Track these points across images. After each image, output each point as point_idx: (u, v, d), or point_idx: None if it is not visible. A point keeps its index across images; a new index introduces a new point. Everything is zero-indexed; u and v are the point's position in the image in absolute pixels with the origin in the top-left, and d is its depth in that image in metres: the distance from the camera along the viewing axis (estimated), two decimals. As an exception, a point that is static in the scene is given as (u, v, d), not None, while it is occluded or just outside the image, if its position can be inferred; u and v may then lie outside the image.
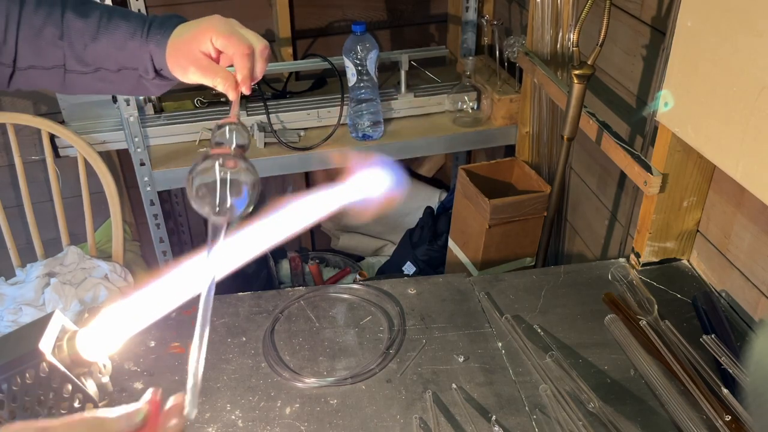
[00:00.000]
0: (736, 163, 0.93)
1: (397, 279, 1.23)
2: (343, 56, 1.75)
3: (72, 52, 0.84)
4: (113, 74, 0.87)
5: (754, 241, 1.07)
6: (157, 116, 1.84)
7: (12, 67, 0.86)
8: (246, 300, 1.18)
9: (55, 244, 1.86)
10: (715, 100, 0.95)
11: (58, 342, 0.60)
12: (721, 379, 0.96)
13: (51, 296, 1.67)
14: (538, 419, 0.94)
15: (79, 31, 0.84)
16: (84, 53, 0.85)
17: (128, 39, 0.84)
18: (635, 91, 1.39)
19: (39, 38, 0.84)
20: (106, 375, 0.64)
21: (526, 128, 1.77)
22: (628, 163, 1.20)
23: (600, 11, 1.22)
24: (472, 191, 1.65)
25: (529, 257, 1.73)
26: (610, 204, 1.55)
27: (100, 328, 0.61)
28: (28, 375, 0.59)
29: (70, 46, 0.84)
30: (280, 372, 1.03)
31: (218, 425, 0.95)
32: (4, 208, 1.77)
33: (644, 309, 1.11)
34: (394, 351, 1.07)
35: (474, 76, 1.90)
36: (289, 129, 1.86)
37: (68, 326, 0.62)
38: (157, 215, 1.82)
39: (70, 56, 0.85)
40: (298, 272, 2.29)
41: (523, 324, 1.10)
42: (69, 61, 0.85)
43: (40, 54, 0.85)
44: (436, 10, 2.24)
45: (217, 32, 0.80)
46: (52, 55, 0.85)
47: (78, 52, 0.84)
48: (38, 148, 1.95)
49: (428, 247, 2.06)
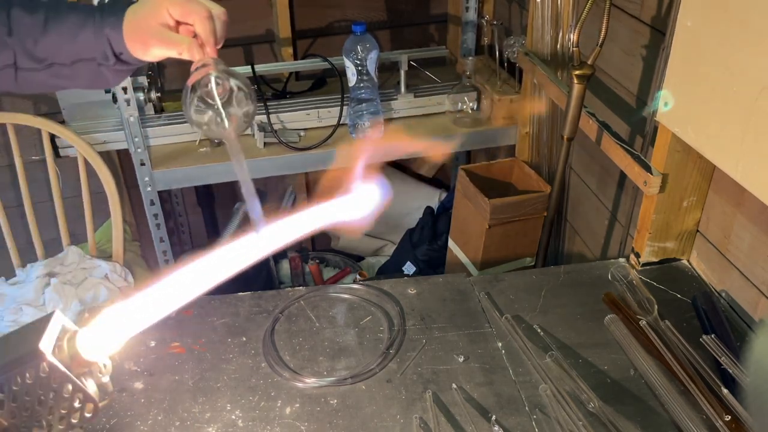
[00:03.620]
0: (736, 163, 0.93)
1: (397, 279, 1.23)
2: (343, 56, 1.75)
3: (22, 48, 0.83)
4: (67, 68, 0.86)
5: (754, 241, 1.07)
6: (158, 116, 1.84)
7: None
8: (246, 300, 1.18)
9: (56, 244, 1.86)
10: (715, 100, 0.95)
11: (59, 342, 0.60)
12: (721, 379, 0.96)
13: (51, 296, 1.67)
14: (538, 419, 0.94)
15: (26, 27, 0.83)
16: (35, 49, 0.84)
17: (79, 29, 0.83)
18: (635, 91, 1.39)
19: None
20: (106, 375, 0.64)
21: (526, 128, 1.77)
22: (628, 163, 1.20)
23: (600, 11, 1.22)
24: (472, 191, 1.65)
25: (529, 257, 1.73)
26: (610, 204, 1.55)
27: (100, 328, 0.61)
28: (28, 375, 0.59)
29: (20, 42, 0.83)
30: (280, 372, 1.03)
31: (218, 425, 0.95)
32: (4, 208, 1.77)
33: (644, 309, 1.11)
34: (394, 351, 1.07)
35: (474, 76, 1.90)
36: (289, 129, 1.86)
37: (68, 326, 0.62)
38: (157, 215, 1.82)
39: (21, 53, 0.84)
40: (298, 272, 2.29)
41: (523, 324, 1.10)
42: (20, 58, 0.84)
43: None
44: (436, 10, 2.24)
45: (172, 3, 0.80)
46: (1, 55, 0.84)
47: (28, 48, 0.83)
48: (38, 148, 1.95)
49: (428, 247, 2.06)
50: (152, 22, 0.81)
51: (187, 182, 1.82)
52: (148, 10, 0.81)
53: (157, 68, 1.90)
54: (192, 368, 1.04)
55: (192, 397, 0.99)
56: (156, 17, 0.80)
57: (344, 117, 1.85)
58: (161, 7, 0.80)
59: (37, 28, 0.83)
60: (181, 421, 0.95)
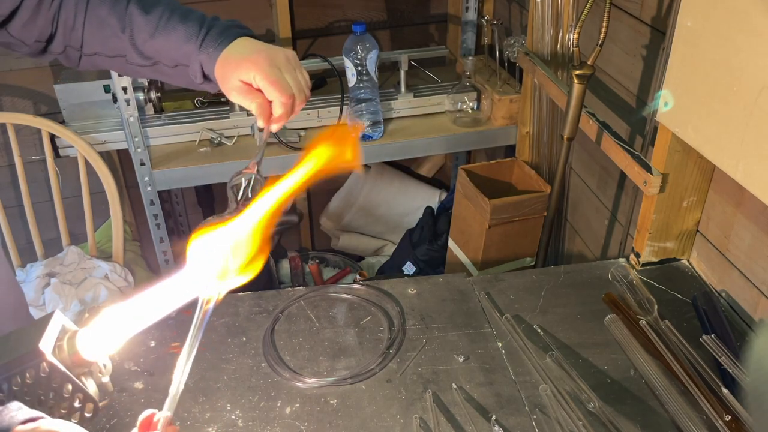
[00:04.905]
0: (736, 163, 0.93)
1: (397, 279, 1.23)
2: (343, 56, 1.75)
3: (132, 45, 0.87)
4: (170, 69, 0.89)
5: (754, 241, 1.07)
6: (158, 116, 1.84)
7: (80, 51, 0.90)
8: (246, 300, 1.18)
9: (56, 244, 1.86)
10: (715, 100, 0.95)
11: (59, 342, 0.60)
12: (721, 379, 0.96)
13: (51, 296, 1.67)
14: (538, 419, 0.94)
15: (139, 27, 0.86)
16: (143, 47, 0.87)
17: (183, 42, 0.85)
18: (635, 91, 1.39)
19: (102, 28, 0.87)
20: (106, 375, 0.64)
21: (526, 128, 1.77)
22: (628, 163, 1.20)
23: (600, 11, 1.22)
24: (472, 191, 1.65)
25: (529, 257, 1.73)
26: (610, 204, 1.55)
27: (100, 328, 0.61)
28: (29, 375, 0.59)
29: (131, 39, 0.87)
30: (280, 372, 1.03)
31: (218, 425, 0.95)
32: (4, 208, 1.77)
33: (644, 309, 1.11)
34: (394, 351, 1.07)
35: (474, 76, 1.90)
36: (289, 129, 1.86)
37: (68, 326, 0.62)
38: (157, 215, 1.82)
39: (131, 49, 0.88)
40: (298, 272, 2.29)
41: (523, 324, 1.10)
42: (129, 53, 0.88)
43: (104, 43, 0.89)
44: (436, 10, 2.24)
45: (262, 73, 0.82)
46: (114, 45, 0.88)
47: (138, 45, 0.87)
48: (38, 148, 1.95)
49: (428, 247, 2.06)
50: (236, 75, 0.83)
51: (187, 182, 1.82)
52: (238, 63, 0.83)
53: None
54: (192, 368, 1.04)
55: (192, 397, 0.99)
56: (241, 74, 0.83)
57: (344, 117, 1.84)
58: (250, 70, 0.82)
59: (147, 30, 0.86)
60: (181, 421, 0.95)
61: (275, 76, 0.83)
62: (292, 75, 0.85)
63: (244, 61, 0.83)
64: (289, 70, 0.85)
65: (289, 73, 0.84)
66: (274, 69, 0.83)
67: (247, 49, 0.84)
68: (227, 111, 1.85)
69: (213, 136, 1.81)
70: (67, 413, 0.61)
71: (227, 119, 1.83)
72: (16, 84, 2.00)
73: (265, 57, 0.83)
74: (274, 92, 0.83)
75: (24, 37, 0.89)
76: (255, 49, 0.84)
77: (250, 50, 0.84)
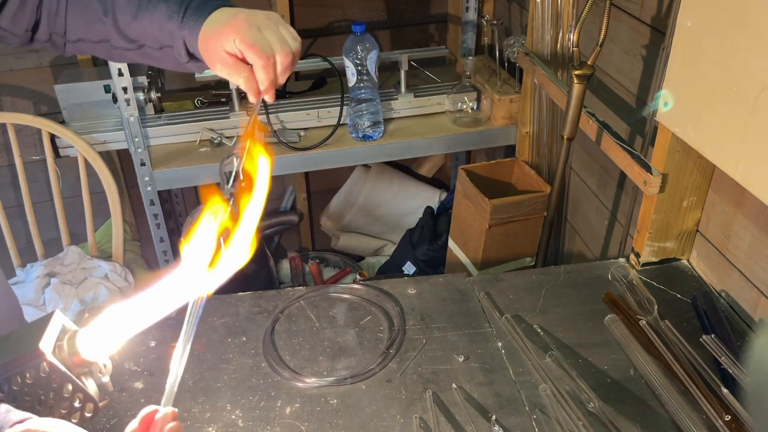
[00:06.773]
0: (736, 163, 0.93)
1: (397, 279, 1.23)
2: (343, 56, 1.75)
3: (116, 28, 0.86)
4: (156, 51, 0.88)
5: (754, 241, 1.07)
6: (158, 116, 1.84)
7: (64, 38, 0.90)
8: (246, 300, 1.18)
9: (56, 244, 1.86)
10: (715, 100, 0.95)
11: (59, 342, 0.60)
12: (721, 379, 0.96)
13: (51, 296, 1.67)
14: (538, 419, 0.94)
15: (122, 9, 0.85)
16: (127, 30, 0.86)
17: (165, 21, 0.83)
18: (635, 91, 1.39)
19: (85, 13, 0.87)
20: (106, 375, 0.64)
21: (526, 128, 1.77)
22: (628, 163, 1.20)
23: (600, 11, 1.22)
24: (472, 191, 1.65)
25: (529, 257, 1.73)
26: (610, 204, 1.55)
27: (100, 328, 0.61)
28: (29, 375, 0.59)
29: (114, 22, 0.86)
30: (281, 372, 1.03)
31: (218, 425, 0.95)
32: (5, 208, 1.77)
33: (644, 309, 1.11)
34: (394, 351, 1.07)
35: (474, 76, 1.90)
36: (289, 129, 1.86)
37: (68, 326, 0.62)
38: (157, 215, 1.82)
39: (114, 32, 0.86)
40: (298, 272, 2.29)
41: (523, 324, 1.10)
42: (113, 37, 0.87)
43: (87, 28, 0.88)
44: (436, 10, 2.24)
45: (241, 36, 0.78)
46: (98, 30, 0.87)
47: (122, 28, 0.86)
48: (38, 148, 1.95)
49: (428, 247, 2.06)
50: (219, 45, 0.80)
51: (187, 182, 1.81)
52: (218, 32, 0.80)
53: (157, 68, 1.90)
54: (192, 368, 1.04)
55: (192, 397, 0.99)
56: (223, 42, 0.80)
57: (344, 117, 1.85)
58: (229, 36, 0.79)
59: (131, 10, 0.85)
60: (181, 421, 0.95)
61: (253, 38, 0.79)
62: (274, 30, 0.81)
63: (224, 29, 0.79)
64: (270, 27, 0.81)
65: (269, 29, 0.80)
66: (252, 30, 0.79)
67: (226, 16, 0.81)
68: (227, 111, 1.85)
69: (213, 136, 1.81)
70: (67, 413, 0.61)
71: (227, 119, 1.83)
72: (16, 84, 2.00)
73: (244, 19, 0.80)
74: (252, 55, 0.79)
75: (14, 28, 0.88)
76: (233, 14, 0.81)
77: (229, 16, 0.81)
